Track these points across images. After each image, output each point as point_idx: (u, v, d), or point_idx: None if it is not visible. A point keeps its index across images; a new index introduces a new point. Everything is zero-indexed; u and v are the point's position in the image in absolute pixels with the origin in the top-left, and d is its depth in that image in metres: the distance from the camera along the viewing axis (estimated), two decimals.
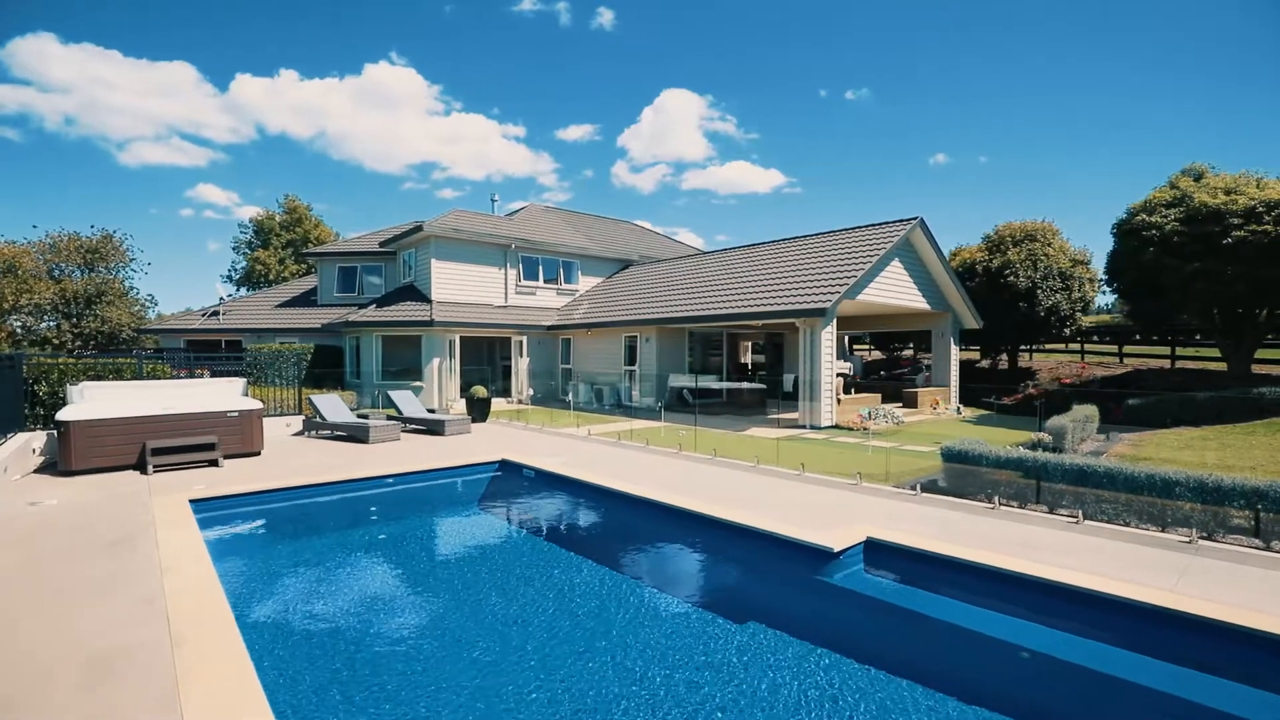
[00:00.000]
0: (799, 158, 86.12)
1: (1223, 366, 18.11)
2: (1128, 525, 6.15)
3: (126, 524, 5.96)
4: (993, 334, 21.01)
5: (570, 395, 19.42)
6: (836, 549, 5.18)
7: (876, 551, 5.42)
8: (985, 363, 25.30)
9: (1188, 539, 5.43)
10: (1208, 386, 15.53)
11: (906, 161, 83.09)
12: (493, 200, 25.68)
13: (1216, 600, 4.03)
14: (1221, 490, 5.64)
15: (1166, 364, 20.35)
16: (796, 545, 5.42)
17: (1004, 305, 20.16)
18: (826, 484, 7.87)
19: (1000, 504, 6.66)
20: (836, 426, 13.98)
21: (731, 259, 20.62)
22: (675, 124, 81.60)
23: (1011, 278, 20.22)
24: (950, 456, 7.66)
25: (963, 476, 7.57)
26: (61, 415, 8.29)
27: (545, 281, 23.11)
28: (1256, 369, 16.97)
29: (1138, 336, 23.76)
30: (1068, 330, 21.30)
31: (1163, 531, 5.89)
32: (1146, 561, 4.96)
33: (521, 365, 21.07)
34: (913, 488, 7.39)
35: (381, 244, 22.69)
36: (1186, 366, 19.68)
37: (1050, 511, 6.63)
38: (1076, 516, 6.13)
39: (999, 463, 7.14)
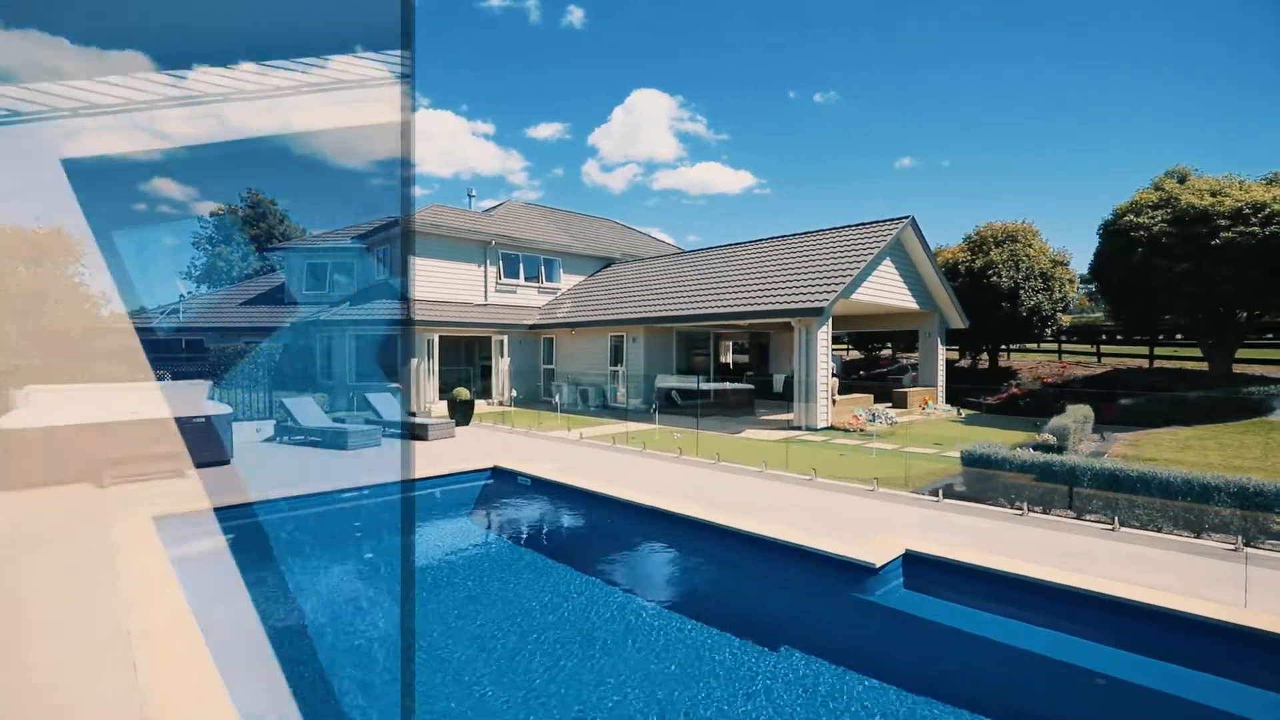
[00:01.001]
0: (769, 159, 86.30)
1: (1200, 365, 18.44)
2: (1160, 531, 5.95)
3: (81, 547, 5.29)
4: (975, 334, 21.11)
5: (555, 396, 18.85)
6: (878, 564, 4.82)
7: (916, 565, 5.07)
8: (965, 362, 25.49)
9: (1233, 546, 5.21)
10: (1188, 385, 15.75)
11: (875, 163, 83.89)
12: (470, 196, 24.94)
13: None
14: (1264, 495, 5.44)
15: (1144, 363, 20.70)
16: (833, 560, 5.04)
17: (987, 305, 20.25)
18: (841, 490, 7.54)
19: (1027, 510, 6.41)
20: (832, 428, 13.72)
21: (715, 258, 20.26)
22: (646, 124, 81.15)
23: (995, 278, 20.33)
24: (971, 461, 7.39)
25: (982, 481, 7.31)
26: (4, 423, 7.48)
27: (526, 279, 22.47)
28: (1235, 368, 17.31)
29: (1104, 336, 24.18)
30: (1049, 330, 21.53)
31: (1198, 538, 5.69)
32: (1199, 571, 4.71)
33: (503, 365, 20.41)
34: (933, 493, 7.09)
35: (354, 239, 21.77)
36: (1164, 366, 20.03)
37: (1079, 517, 6.39)
38: (1111, 523, 5.89)
39: (1024, 467, 6.89)
